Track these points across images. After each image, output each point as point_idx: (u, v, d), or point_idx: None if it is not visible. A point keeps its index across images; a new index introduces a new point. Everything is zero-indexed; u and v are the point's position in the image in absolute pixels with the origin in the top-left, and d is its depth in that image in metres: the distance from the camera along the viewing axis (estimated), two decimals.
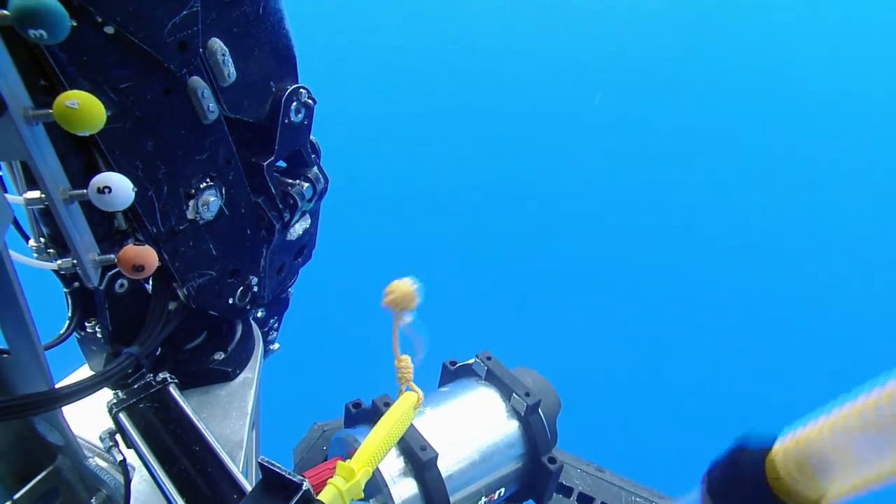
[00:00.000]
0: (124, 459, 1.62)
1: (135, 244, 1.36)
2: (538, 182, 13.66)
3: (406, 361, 1.58)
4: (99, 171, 1.21)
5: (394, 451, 1.69)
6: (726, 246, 12.93)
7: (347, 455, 1.67)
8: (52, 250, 1.51)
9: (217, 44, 1.50)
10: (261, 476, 1.20)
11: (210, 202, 1.66)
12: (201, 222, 1.69)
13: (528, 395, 1.88)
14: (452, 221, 13.01)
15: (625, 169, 13.67)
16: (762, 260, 12.68)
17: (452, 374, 2.12)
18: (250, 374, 2.15)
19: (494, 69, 14.49)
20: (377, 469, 1.54)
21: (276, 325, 2.59)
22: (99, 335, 1.76)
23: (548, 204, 13.35)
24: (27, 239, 1.53)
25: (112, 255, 1.34)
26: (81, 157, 1.40)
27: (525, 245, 12.80)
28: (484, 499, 1.87)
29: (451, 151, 13.71)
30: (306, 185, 2.01)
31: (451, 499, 1.70)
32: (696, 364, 11.54)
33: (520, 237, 12.87)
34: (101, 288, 1.62)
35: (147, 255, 1.32)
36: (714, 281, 12.42)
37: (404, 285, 1.49)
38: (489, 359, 2.02)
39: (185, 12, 1.37)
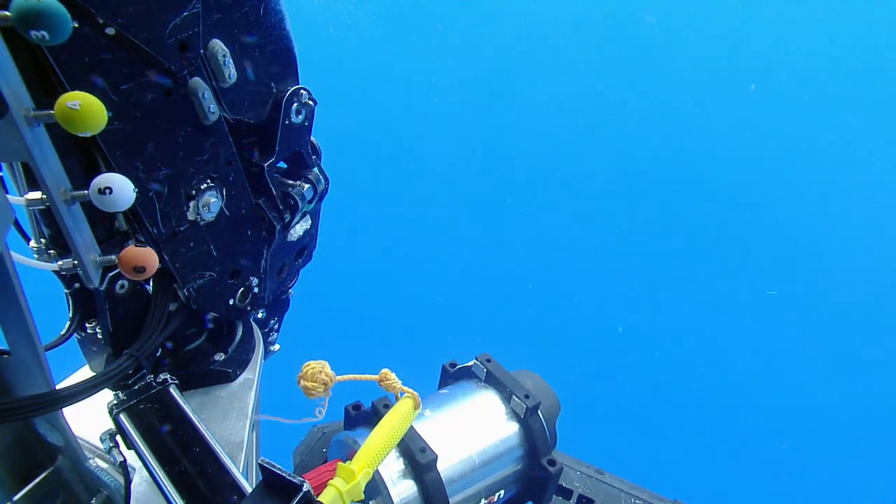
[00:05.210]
0: (125, 460, 1.62)
1: (136, 245, 1.35)
2: (538, 185, 13.65)
3: (387, 374, 1.58)
4: (100, 172, 1.21)
5: (393, 453, 1.69)
6: (724, 250, 12.92)
7: (347, 457, 1.67)
8: (52, 251, 1.51)
9: (218, 45, 1.50)
10: (261, 477, 1.20)
11: (211, 203, 1.66)
12: (202, 223, 1.69)
13: (527, 397, 1.88)
14: (453, 223, 13.00)
15: (625, 172, 13.66)
16: (759, 264, 12.68)
17: (452, 377, 2.12)
18: (251, 375, 2.14)
19: (494, 70, 14.49)
20: (377, 471, 1.54)
21: (276, 326, 2.58)
22: (99, 336, 1.76)
23: (548, 207, 13.34)
24: (28, 240, 1.53)
25: (113, 257, 1.34)
26: (82, 157, 1.40)
27: (525, 248, 12.79)
28: (483, 501, 1.87)
29: (452, 153, 13.70)
30: (307, 186, 2.01)
31: (451, 500, 1.70)
32: (696, 367, 11.54)
33: (520, 240, 12.87)
34: (102, 289, 1.62)
35: (148, 257, 1.32)
36: (712, 285, 12.42)
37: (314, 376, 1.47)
38: (489, 361, 2.02)
39: (185, 13, 1.37)
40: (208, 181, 1.66)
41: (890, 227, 12.78)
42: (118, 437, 1.66)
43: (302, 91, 1.83)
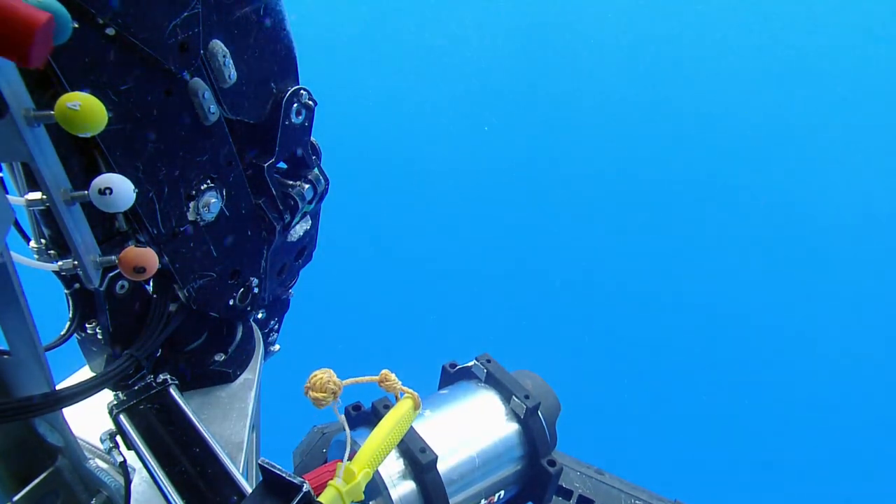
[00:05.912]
0: (125, 461, 1.62)
1: (136, 245, 1.36)
2: (537, 184, 13.65)
3: (386, 375, 1.57)
4: (100, 173, 1.21)
5: (394, 454, 1.69)
6: (724, 250, 12.92)
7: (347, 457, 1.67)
8: (52, 251, 1.51)
9: (218, 45, 1.50)
10: (261, 478, 1.20)
11: (211, 204, 1.66)
12: (202, 224, 1.69)
13: (527, 397, 1.88)
14: (453, 223, 13.00)
15: (626, 171, 13.66)
16: (759, 264, 12.67)
17: (452, 377, 2.12)
18: (250, 375, 2.15)
19: (494, 69, 14.49)
20: (377, 471, 1.54)
21: (276, 326, 2.58)
22: (99, 336, 1.76)
23: (547, 207, 13.34)
24: (28, 240, 1.53)
25: (113, 257, 1.34)
26: (82, 158, 1.40)
27: (525, 248, 12.79)
28: (483, 501, 1.87)
29: (452, 153, 13.70)
30: (307, 186, 2.01)
31: (451, 501, 1.70)
32: (696, 367, 11.53)
33: (520, 240, 12.86)
34: (102, 289, 1.62)
35: (148, 257, 1.32)
36: (713, 285, 12.41)
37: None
38: (489, 361, 2.02)
39: (186, 14, 1.37)
40: (208, 181, 1.66)
41: (890, 225, 12.78)
42: (118, 438, 1.66)
43: (302, 91, 1.83)
